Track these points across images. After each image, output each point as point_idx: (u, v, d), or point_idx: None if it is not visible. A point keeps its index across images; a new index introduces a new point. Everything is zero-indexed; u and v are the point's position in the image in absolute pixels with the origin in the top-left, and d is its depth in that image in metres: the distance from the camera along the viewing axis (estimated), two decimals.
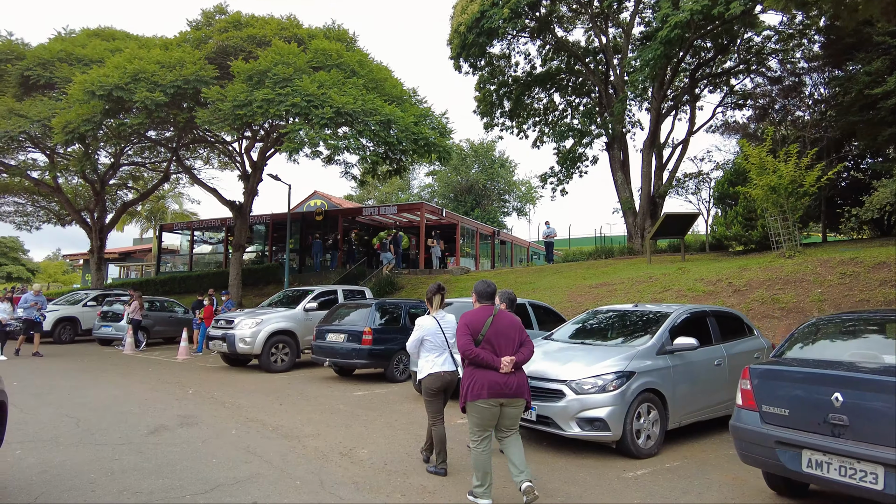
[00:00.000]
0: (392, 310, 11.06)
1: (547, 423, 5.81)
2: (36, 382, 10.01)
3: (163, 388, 9.63)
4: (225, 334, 11.91)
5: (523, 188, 52.17)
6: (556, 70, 27.29)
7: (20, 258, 42.25)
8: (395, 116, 14.11)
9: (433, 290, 5.40)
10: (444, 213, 25.43)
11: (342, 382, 10.55)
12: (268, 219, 27.74)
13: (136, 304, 16.03)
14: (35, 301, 14.18)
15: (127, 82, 13.76)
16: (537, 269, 21.29)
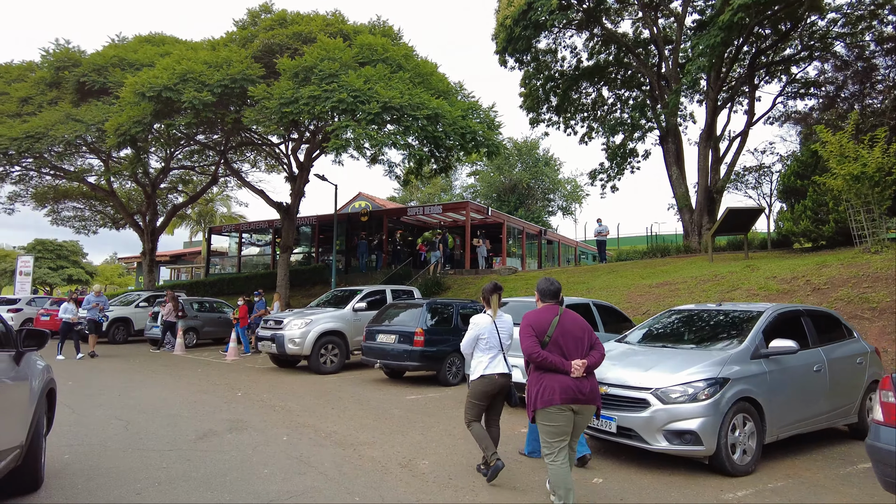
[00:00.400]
0: (443, 310, 10.58)
1: (629, 436, 5.19)
2: (89, 382, 9.97)
3: (211, 389, 9.42)
4: (274, 335, 11.68)
5: (569, 186, 50.99)
6: (604, 63, 26.36)
7: (80, 261, 43.88)
8: (443, 110, 13.65)
9: (490, 290, 5.08)
10: (489, 212, 24.86)
11: (393, 385, 10.13)
12: (314, 220, 27.78)
13: (170, 306, 16.04)
14: (97, 302, 14.32)
15: (175, 83, 13.77)
16: (590, 268, 20.47)
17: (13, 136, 16.24)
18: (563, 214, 51.29)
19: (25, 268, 30.17)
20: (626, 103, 28.25)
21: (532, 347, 3.94)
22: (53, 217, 28.94)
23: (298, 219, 23.82)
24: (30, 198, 26.80)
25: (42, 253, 40.71)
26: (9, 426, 3.60)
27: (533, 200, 49.70)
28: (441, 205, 26.24)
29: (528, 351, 3.95)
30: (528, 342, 3.96)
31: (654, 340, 6.47)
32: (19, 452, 3.78)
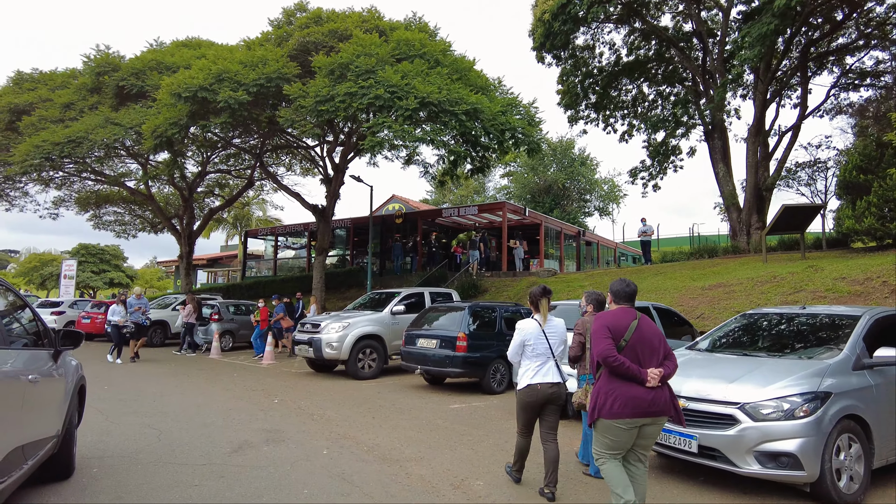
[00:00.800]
0: (486, 313, 10.03)
1: (713, 457, 4.55)
2: (125, 386, 9.77)
3: (247, 396, 9.08)
4: (311, 339, 11.33)
5: (606, 187, 49.82)
6: (643, 59, 25.48)
7: (121, 265, 44.85)
8: (482, 105, 13.13)
9: (539, 293, 4.74)
10: (526, 213, 24.20)
11: (435, 392, 9.63)
12: (349, 223, 27.59)
13: (189, 308, 15.91)
14: (139, 305, 14.11)
15: (211, 83, 13.62)
16: (635, 269, 19.63)
17: (56, 140, 16.42)
18: (600, 215, 50.12)
19: (69, 271, 30.81)
20: (667, 99, 27.34)
21: (609, 350, 3.59)
22: (95, 221, 29.53)
23: (333, 221, 23.62)
24: (73, 203, 27.39)
25: (85, 257, 41.73)
26: (49, 417, 4.03)
27: (569, 201, 48.72)
28: (477, 205, 25.72)
29: (603, 353, 3.59)
30: (605, 344, 3.61)
31: (730, 348, 5.80)
32: (56, 441, 4.23)
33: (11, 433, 3.32)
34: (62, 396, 4.37)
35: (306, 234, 29.21)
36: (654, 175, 27.44)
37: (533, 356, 4.56)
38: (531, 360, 4.57)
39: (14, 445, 3.33)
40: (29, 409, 3.63)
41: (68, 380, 4.62)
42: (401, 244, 24.26)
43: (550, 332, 4.63)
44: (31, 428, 3.68)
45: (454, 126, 12.74)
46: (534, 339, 4.57)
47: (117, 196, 27.48)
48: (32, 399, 3.68)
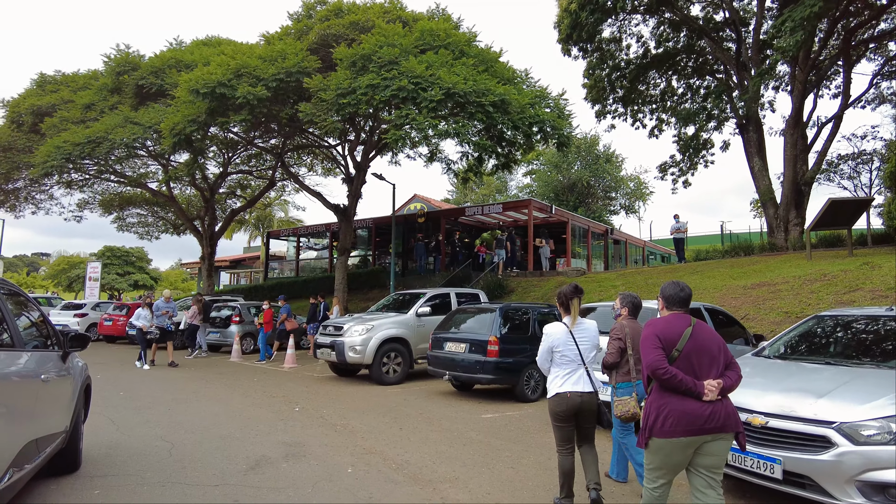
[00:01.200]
0: (519, 315, 9.41)
1: (801, 485, 3.88)
2: (140, 393, 9.37)
3: (267, 403, 8.60)
4: (333, 342, 10.82)
5: (632, 184, 48.72)
6: (672, 51, 24.62)
7: (145, 267, 45.17)
8: (510, 97, 12.50)
9: (569, 293, 4.38)
10: (553, 210, 23.46)
11: (465, 400, 9.03)
12: (370, 223, 27.16)
13: (194, 310, 15.57)
14: (166, 309, 13.65)
15: (230, 79, 13.23)
16: (669, 268, 18.81)
17: (76, 141, 16.24)
18: (626, 213, 49.03)
19: (94, 273, 30.96)
20: (697, 92, 26.49)
21: (659, 361, 3.24)
22: (119, 223, 29.59)
23: (355, 221, 23.19)
24: (97, 205, 27.46)
25: (110, 259, 42.07)
26: (59, 414, 4.31)
27: (593, 199, 47.77)
28: (501, 203, 25.04)
29: (653, 365, 3.25)
30: (654, 355, 3.26)
31: (808, 355, 5.10)
32: (65, 436, 4.52)
33: (27, 427, 3.57)
34: (70, 395, 4.69)
35: (328, 235, 28.88)
36: (684, 171, 26.65)
37: (562, 363, 4.23)
38: (560, 366, 4.24)
39: (29, 439, 3.56)
40: (42, 405, 3.90)
41: (76, 379, 4.92)
42: (423, 244, 23.71)
43: (581, 337, 4.27)
44: (44, 423, 3.92)
45: (481, 118, 12.13)
46: (562, 344, 4.23)
47: (140, 198, 27.48)
48: (44, 397, 3.97)
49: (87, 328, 19.96)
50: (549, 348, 4.27)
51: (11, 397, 3.41)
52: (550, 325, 4.36)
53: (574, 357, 4.22)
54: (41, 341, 4.52)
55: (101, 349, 17.41)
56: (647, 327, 3.44)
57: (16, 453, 3.30)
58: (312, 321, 16.27)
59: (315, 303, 16.10)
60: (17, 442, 3.34)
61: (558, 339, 4.24)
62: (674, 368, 3.22)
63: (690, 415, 3.17)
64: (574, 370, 4.21)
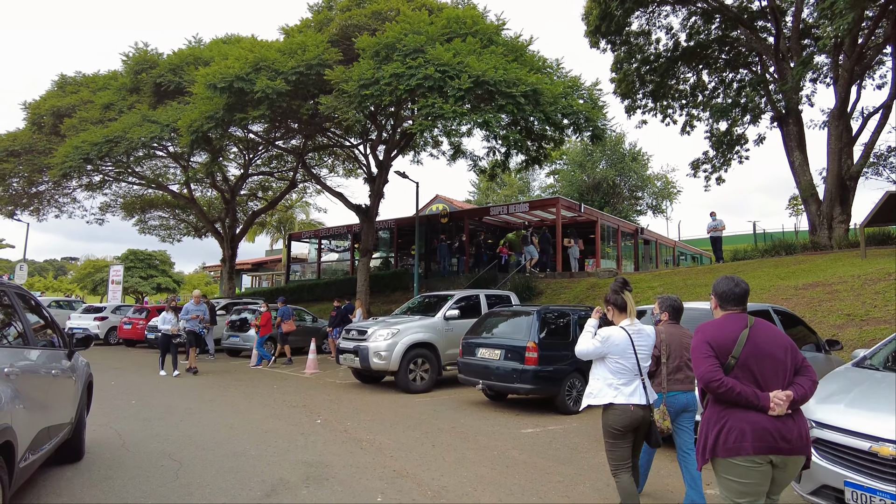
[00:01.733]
0: (558, 319, 8.64)
1: None
2: (153, 401, 8.81)
3: (287, 414, 7.96)
4: (357, 347, 10.16)
5: (659, 183, 47.48)
6: (704, 42, 23.68)
7: (168, 270, 45.24)
8: (542, 86, 11.74)
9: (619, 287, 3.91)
10: (581, 209, 22.58)
11: (500, 412, 8.29)
12: (392, 224, 26.58)
13: None
14: (197, 312, 12.90)
15: (248, 72, 12.71)
16: (707, 268, 17.82)
17: (94, 141, 15.91)
18: (653, 213, 47.79)
19: (116, 276, 30.91)
20: (729, 86, 25.49)
21: (712, 372, 2.85)
22: (141, 226, 29.49)
23: (377, 222, 22.62)
24: (119, 208, 27.35)
25: (134, 263, 42.19)
26: (66, 406, 4.67)
27: (619, 199, 46.66)
28: (528, 202, 24.23)
29: (706, 377, 2.85)
30: (706, 365, 2.88)
31: None
32: (71, 427, 4.92)
33: (41, 415, 3.95)
34: (75, 390, 5.10)
35: (350, 236, 28.36)
36: (717, 167, 25.65)
37: (618, 372, 3.76)
38: (615, 376, 3.77)
39: (43, 426, 3.97)
40: (51, 398, 4.31)
41: (80, 376, 5.33)
42: (447, 245, 23.02)
43: (640, 345, 3.78)
44: (54, 413, 4.32)
45: (511, 110, 11.39)
46: (621, 353, 3.73)
47: (161, 200, 27.32)
48: (54, 390, 4.41)
49: (107, 332, 19.68)
50: (603, 354, 3.79)
51: (28, 388, 3.75)
52: (610, 330, 3.79)
53: (632, 367, 3.73)
54: (48, 341, 4.87)
55: (120, 353, 17.05)
56: (697, 333, 3.02)
57: (32, 437, 3.70)
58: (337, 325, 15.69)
59: (339, 305, 15.53)
60: (33, 427, 3.75)
61: (617, 345, 3.73)
62: (730, 379, 2.80)
63: (758, 428, 2.75)
64: (630, 380, 3.75)
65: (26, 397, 3.62)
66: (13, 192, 22.57)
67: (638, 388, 3.75)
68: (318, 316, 18.86)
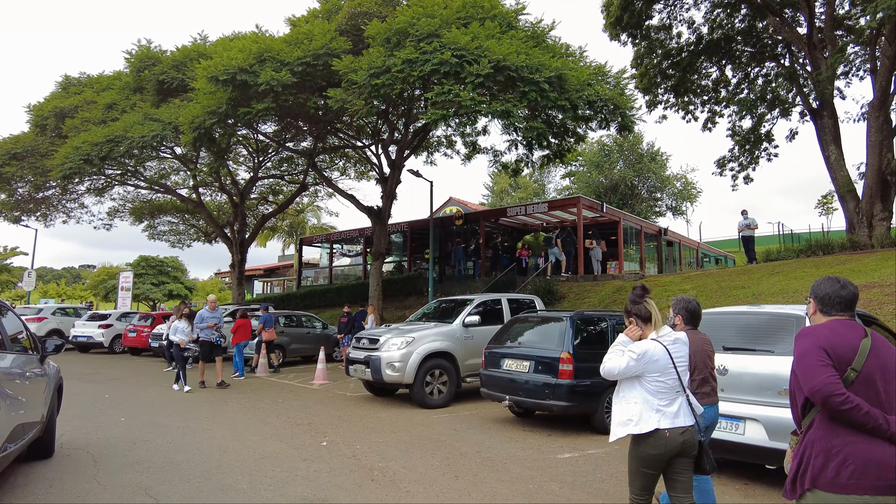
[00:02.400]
0: (594, 326, 7.68)
1: None
2: (143, 417, 7.97)
3: (289, 434, 7.08)
4: (368, 357, 9.27)
5: (678, 184, 46.29)
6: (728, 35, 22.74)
7: (180, 277, 44.82)
8: (567, 72, 10.82)
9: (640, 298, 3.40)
10: (604, 209, 21.56)
11: (529, 431, 7.33)
12: (405, 227, 25.75)
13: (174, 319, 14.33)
14: (212, 320, 11.47)
15: (251, 64, 11.95)
16: (741, 269, 16.73)
17: (94, 141, 15.27)
18: (672, 215, 46.56)
19: (126, 283, 30.40)
20: (754, 81, 24.46)
21: (833, 384, 2.29)
22: (150, 232, 28.99)
23: (389, 226, 21.81)
24: (128, 213, 26.86)
25: (145, 269, 41.81)
26: (37, 405, 5.08)
27: (637, 200, 45.54)
28: (547, 202, 23.27)
29: (826, 390, 2.29)
30: (825, 375, 2.32)
31: None
32: (42, 426, 5.34)
33: (17, 412, 4.34)
34: (46, 391, 5.43)
35: (362, 240, 27.58)
36: (744, 165, 24.59)
37: (659, 392, 3.23)
38: (655, 395, 3.23)
39: (18, 422, 4.35)
40: (25, 397, 4.64)
41: (50, 379, 5.68)
42: (462, 248, 22.15)
43: (678, 356, 3.27)
44: (28, 411, 4.67)
45: (535, 97, 10.47)
46: (661, 370, 3.21)
47: (170, 205, 26.77)
48: (28, 390, 4.78)
49: (112, 340, 19.01)
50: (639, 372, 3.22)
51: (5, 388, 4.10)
52: (644, 344, 3.24)
53: (673, 385, 3.23)
54: (22, 347, 5.31)
55: (123, 362, 16.31)
56: (804, 338, 2.51)
57: (9, 431, 4.04)
58: (347, 331, 14.87)
59: (349, 311, 14.71)
60: (10, 423, 4.10)
61: (657, 364, 3.19)
62: (857, 397, 2.31)
63: (881, 464, 2.27)
64: (672, 400, 3.23)
65: (4, 395, 4.02)
66: (19, 198, 22.09)
67: (682, 407, 3.24)
68: (328, 322, 18.06)
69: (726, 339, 5.30)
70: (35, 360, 5.34)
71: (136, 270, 41.00)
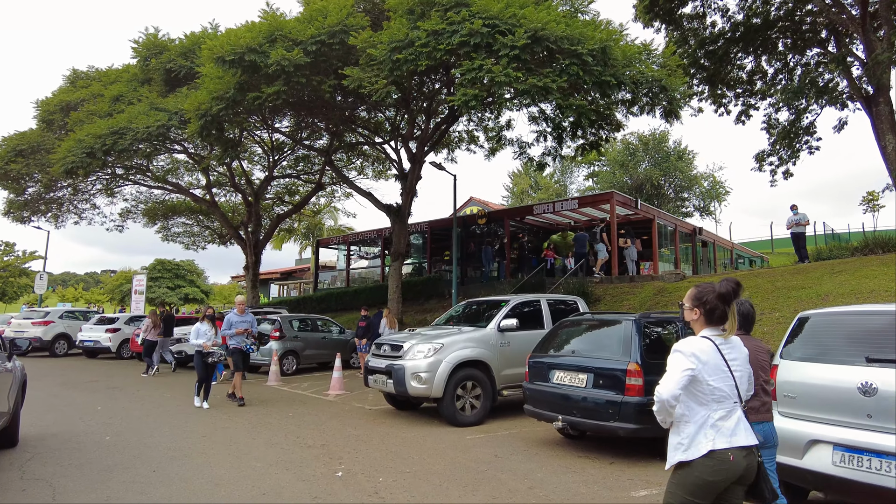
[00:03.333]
0: (662, 330, 6.41)
1: None
2: (130, 440, 6.83)
3: (299, 460, 5.91)
4: (391, 367, 8.07)
5: (706, 183, 44.64)
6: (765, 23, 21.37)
7: (196, 280, 44.20)
8: (611, 45, 9.58)
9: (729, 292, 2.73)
10: (638, 205, 20.21)
11: (587, 458, 6.07)
12: (425, 227, 24.62)
13: (148, 323, 14.09)
14: (242, 325, 9.74)
15: (261, 43, 10.91)
16: (794, 268, 15.25)
17: (98, 133, 14.37)
18: (700, 215, 44.85)
19: (140, 286, 29.63)
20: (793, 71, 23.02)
21: None
22: (164, 233, 28.27)
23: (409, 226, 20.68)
24: (140, 214, 26.15)
25: (161, 273, 41.25)
26: (3, 398, 5.59)
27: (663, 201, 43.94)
28: (577, 198, 21.96)
29: None
30: None
31: None
32: (8, 418, 5.82)
33: None
34: (13, 386, 6.04)
35: (380, 242, 26.49)
36: (784, 159, 23.14)
37: (713, 399, 2.58)
38: (705, 406, 2.59)
39: None
40: None
41: (15, 376, 6.23)
42: (490, 247, 21.02)
43: (732, 360, 2.66)
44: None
45: (576, 71, 9.23)
46: (714, 371, 2.59)
47: (184, 206, 25.98)
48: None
49: (119, 345, 18.11)
50: (691, 377, 2.59)
51: None
52: (690, 342, 2.70)
53: (730, 391, 2.65)
54: None
55: (128, 368, 15.29)
56: None
57: None
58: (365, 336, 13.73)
59: (366, 314, 13.60)
60: None
61: (705, 360, 2.61)
62: None
63: None
64: (730, 411, 2.63)
65: None
66: (28, 197, 21.39)
67: (741, 423, 2.66)
68: (345, 327, 16.96)
69: (868, 348, 4.02)
70: (3, 357, 6.06)
71: (152, 274, 40.43)
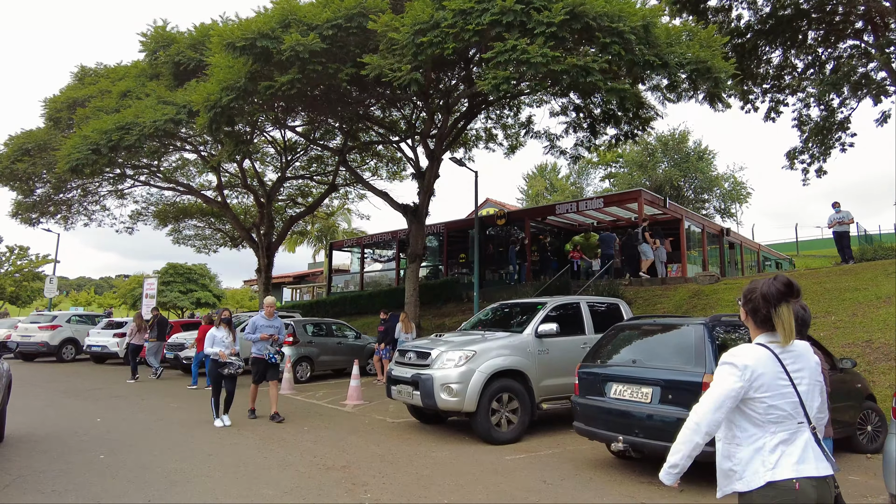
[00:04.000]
0: (734, 336, 5.55)
1: None
2: (130, 458, 6.06)
3: (317, 486, 5.11)
4: (417, 377, 7.25)
5: (727, 184, 43.51)
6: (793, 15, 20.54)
7: (208, 284, 43.69)
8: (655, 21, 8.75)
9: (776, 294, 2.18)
10: (667, 204, 19.28)
11: (648, 482, 5.21)
12: (441, 228, 23.84)
13: (133, 326, 13.76)
14: (268, 330, 8.43)
15: (273, 28, 10.21)
16: (840, 269, 14.26)
17: (104, 129, 13.77)
18: (721, 217, 43.71)
19: (150, 290, 29.08)
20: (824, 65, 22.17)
21: None
22: (175, 236, 27.78)
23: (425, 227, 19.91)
24: (151, 216, 25.66)
25: (172, 277, 40.81)
26: None
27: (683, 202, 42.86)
28: (603, 197, 21.08)
29: None
30: None
31: None
32: None
33: None
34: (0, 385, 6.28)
35: (395, 244, 25.75)
36: (816, 157, 22.24)
37: (768, 421, 2.08)
38: (762, 427, 2.09)
39: None
40: None
41: (2, 376, 6.45)
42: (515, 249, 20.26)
43: (795, 370, 2.11)
44: None
45: (617, 50, 8.41)
46: (770, 384, 2.08)
47: (195, 208, 25.44)
48: None
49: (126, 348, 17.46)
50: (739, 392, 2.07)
51: None
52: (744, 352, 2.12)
53: (792, 409, 2.06)
54: None
55: None
56: None
57: None
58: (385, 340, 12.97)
59: (385, 318, 12.83)
60: None
61: (761, 375, 2.06)
62: None
63: None
64: (795, 433, 2.06)
65: None
66: (36, 198, 20.92)
67: (810, 447, 2.05)
68: (361, 331, 16.20)
69: None
70: None
71: (164, 278, 39.99)
